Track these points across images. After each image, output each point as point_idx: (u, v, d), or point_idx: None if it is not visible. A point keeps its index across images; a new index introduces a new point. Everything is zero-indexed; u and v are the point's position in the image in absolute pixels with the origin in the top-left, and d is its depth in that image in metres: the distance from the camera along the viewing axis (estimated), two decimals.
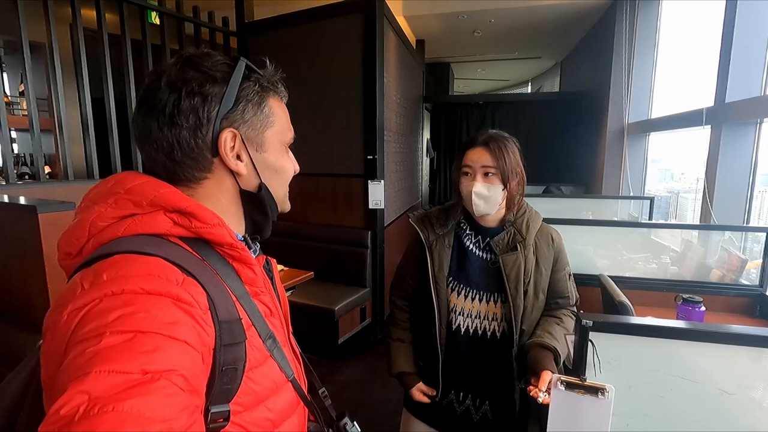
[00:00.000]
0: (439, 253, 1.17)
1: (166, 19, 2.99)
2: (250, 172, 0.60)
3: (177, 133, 0.54)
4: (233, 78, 0.56)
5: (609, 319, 0.73)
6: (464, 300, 1.16)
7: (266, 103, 0.60)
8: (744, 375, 0.73)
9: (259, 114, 0.59)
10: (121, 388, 0.36)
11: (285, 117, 0.64)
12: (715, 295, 1.69)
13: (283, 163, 0.64)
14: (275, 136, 0.62)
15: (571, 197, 3.68)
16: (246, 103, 0.57)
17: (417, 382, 1.23)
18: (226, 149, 0.56)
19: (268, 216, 0.64)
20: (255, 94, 0.59)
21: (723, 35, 2.41)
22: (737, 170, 2.36)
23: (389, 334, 1.33)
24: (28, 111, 2.27)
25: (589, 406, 0.73)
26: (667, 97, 3.55)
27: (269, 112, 0.60)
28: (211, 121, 0.55)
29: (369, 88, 2.99)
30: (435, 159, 5.95)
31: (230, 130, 0.56)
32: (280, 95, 0.64)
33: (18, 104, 3.50)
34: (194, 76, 0.55)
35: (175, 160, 0.55)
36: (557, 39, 5.21)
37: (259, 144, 0.60)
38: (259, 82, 0.59)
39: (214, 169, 0.57)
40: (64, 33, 2.99)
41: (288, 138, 0.65)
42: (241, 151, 0.58)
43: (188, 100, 0.54)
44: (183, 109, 0.54)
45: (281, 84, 0.64)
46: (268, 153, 0.61)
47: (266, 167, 0.61)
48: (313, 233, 3.29)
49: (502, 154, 1.10)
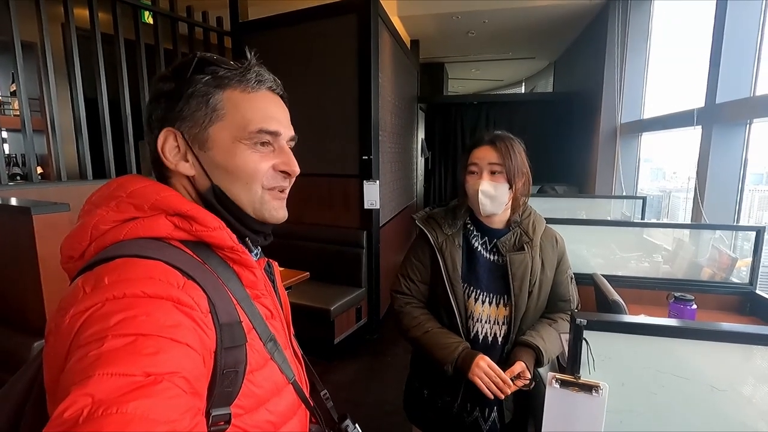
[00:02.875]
0: (450, 253, 1.14)
1: (159, 19, 2.97)
2: (199, 172, 0.56)
3: (147, 139, 0.58)
4: (183, 74, 0.55)
5: (602, 317, 0.74)
6: (474, 303, 1.14)
7: (215, 96, 0.55)
8: (734, 372, 0.75)
9: (202, 108, 0.55)
10: (125, 391, 0.36)
11: (249, 108, 0.56)
12: (706, 293, 1.71)
13: (236, 161, 0.56)
14: (225, 130, 0.55)
15: (564, 197, 3.71)
16: (187, 99, 0.54)
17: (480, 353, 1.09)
18: (165, 149, 0.56)
19: (231, 221, 0.57)
20: (202, 86, 0.54)
21: (713, 36, 2.45)
22: (727, 170, 2.39)
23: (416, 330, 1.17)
24: (20, 111, 2.25)
25: (584, 404, 0.74)
26: (659, 97, 3.59)
27: (219, 105, 0.55)
28: (159, 121, 0.56)
29: (364, 88, 2.99)
30: (430, 159, 5.96)
31: (168, 129, 0.55)
32: (247, 84, 0.57)
33: (9, 104, 3.46)
34: (158, 79, 0.57)
35: (153, 163, 0.59)
36: (551, 39, 5.25)
37: (202, 141, 0.55)
38: (214, 74, 0.55)
39: (171, 172, 0.58)
40: (56, 32, 2.97)
41: (248, 131, 0.56)
42: (187, 151, 0.56)
43: (150, 105, 0.57)
44: (147, 114, 0.57)
45: (255, 72, 0.57)
46: (214, 151, 0.56)
47: (214, 167, 0.56)
48: (309, 233, 3.29)
49: (509, 152, 1.09)
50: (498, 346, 1.15)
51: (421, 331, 1.16)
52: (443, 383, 1.17)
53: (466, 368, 1.07)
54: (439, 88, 6.79)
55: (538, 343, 1.09)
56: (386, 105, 3.45)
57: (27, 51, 2.52)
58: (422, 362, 1.22)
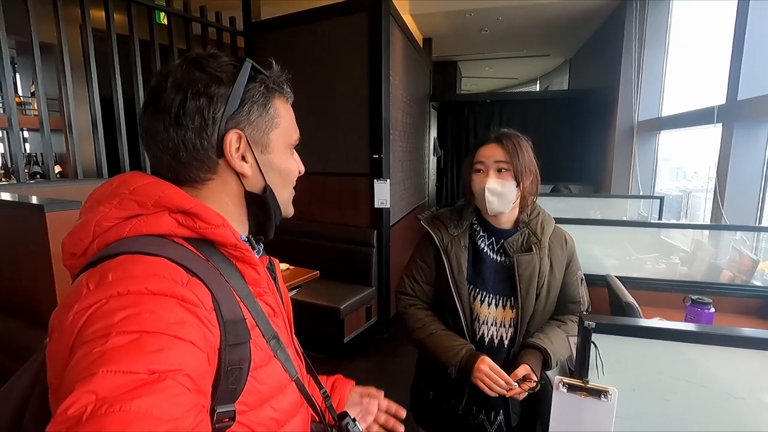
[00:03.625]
0: (455, 254, 1.12)
1: (173, 20, 3.02)
2: (255, 173, 0.60)
3: (182, 134, 0.54)
4: (239, 79, 0.56)
5: (612, 320, 0.72)
6: (480, 305, 1.13)
7: (271, 105, 0.60)
8: (753, 379, 0.72)
9: (264, 115, 0.59)
10: (128, 388, 0.36)
11: (290, 118, 0.64)
12: (725, 296, 1.66)
13: (287, 164, 0.63)
14: (280, 137, 0.61)
15: (579, 196, 3.65)
16: (251, 105, 0.57)
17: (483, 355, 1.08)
18: (231, 150, 0.56)
19: (272, 218, 0.63)
20: (260, 95, 0.58)
21: (735, 31, 2.37)
22: (749, 169, 2.32)
23: (420, 332, 1.16)
24: (38, 111, 2.31)
25: (592, 409, 0.72)
26: (678, 94, 3.50)
27: (274, 114, 0.60)
28: (216, 122, 0.55)
29: (375, 86, 2.98)
30: (442, 158, 5.93)
31: (235, 131, 0.56)
32: (286, 96, 0.63)
33: (30, 104, 3.56)
34: (200, 77, 0.55)
35: (181, 161, 0.56)
36: (566, 36, 5.15)
37: (264, 145, 0.60)
38: (265, 83, 0.59)
39: (218, 170, 0.58)
40: (73, 34, 3.03)
41: (293, 139, 0.64)
42: (246, 153, 0.58)
43: (194, 101, 0.54)
44: (188, 110, 0.54)
45: (286, 85, 0.63)
46: (273, 154, 0.61)
47: (271, 169, 0.61)
48: (319, 232, 3.29)
49: (515, 150, 1.07)
50: (504, 349, 1.13)
51: (426, 333, 1.15)
52: (448, 385, 1.15)
53: (469, 371, 1.06)
54: (452, 86, 6.74)
55: (545, 345, 1.07)
56: (397, 103, 3.44)
57: (45, 52, 2.58)
58: (428, 364, 1.21)
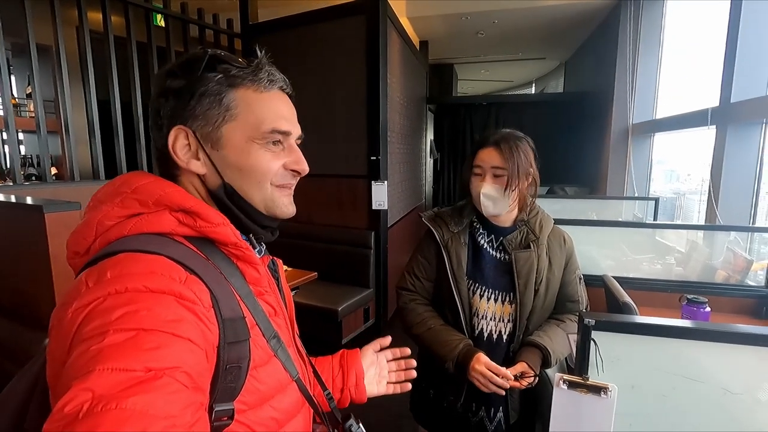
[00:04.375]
0: (456, 250, 1.15)
1: (171, 22, 3.01)
2: (210, 171, 0.57)
3: (155, 134, 0.58)
4: (193, 72, 0.54)
5: (611, 317, 0.73)
6: (479, 300, 1.14)
7: (229, 95, 0.55)
8: (749, 375, 0.72)
9: (215, 107, 0.55)
10: (125, 386, 0.36)
11: (262, 107, 0.57)
12: (720, 296, 1.68)
13: (250, 160, 0.56)
14: (238, 130, 0.56)
15: (575, 198, 3.67)
16: (200, 97, 0.54)
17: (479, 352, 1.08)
18: (176, 148, 0.55)
19: (241, 219, 0.58)
20: (215, 85, 0.54)
21: (728, 34, 2.40)
22: (743, 170, 2.34)
23: (419, 327, 1.17)
24: (35, 113, 2.30)
25: (592, 406, 0.73)
26: (672, 97, 3.53)
27: (231, 105, 0.55)
28: (165, 119, 0.56)
29: (372, 89, 2.99)
30: (439, 160, 5.94)
31: (179, 127, 0.55)
32: (259, 84, 0.57)
33: (25, 106, 3.53)
34: (163, 74, 0.56)
35: (158, 160, 0.59)
36: (561, 40, 5.19)
37: (214, 141, 0.56)
38: (226, 73, 0.55)
39: (181, 168, 0.57)
40: (70, 35, 3.02)
41: (261, 131, 0.56)
42: (198, 149, 0.56)
43: (157, 100, 0.56)
44: (153, 110, 0.57)
45: (266, 72, 0.58)
46: (227, 150, 0.56)
47: (226, 165, 0.56)
48: (317, 234, 3.30)
49: (512, 155, 1.08)
50: (503, 344, 1.14)
51: (424, 328, 1.16)
52: (447, 382, 1.16)
53: (466, 366, 1.06)
54: (449, 89, 6.77)
55: (545, 343, 1.08)
56: (395, 106, 3.45)
57: (42, 54, 2.57)
58: (428, 362, 1.21)
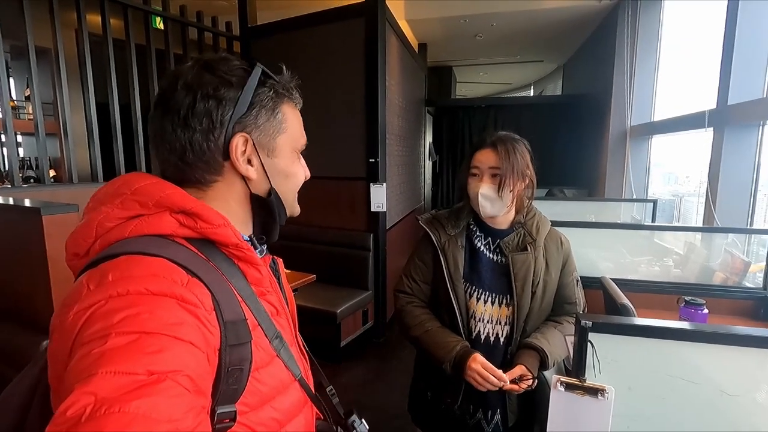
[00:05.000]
0: (453, 253, 1.15)
1: (170, 24, 3.02)
2: (261, 176, 0.60)
3: (190, 135, 0.55)
4: (249, 83, 0.57)
5: (609, 319, 0.73)
6: (476, 303, 1.14)
7: (280, 109, 0.60)
8: (746, 377, 0.73)
9: (272, 120, 0.59)
10: (127, 389, 0.36)
11: (298, 123, 0.65)
12: (718, 297, 1.68)
13: (293, 169, 0.64)
14: (287, 142, 0.62)
15: (573, 200, 3.68)
16: (260, 109, 0.58)
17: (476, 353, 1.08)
18: (237, 153, 0.57)
19: (276, 220, 0.64)
20: (269, 99, 0.59)
21: (725, 37, 2.41)
22: (740, 173, 2.35)
23: (416, 329, 1.17)
24: (33, 115, 2.29)
25: (589, 408, 0.73)
26: (670, 99, 3.54)
27: (282, 118, 0.61)
28: (224, 125, 0.56)
29: (371, 91, 3.00)
30: (437, 162, 5.95)
31: (242, 134, 0.57)
32: (294, 101, 0.64)
33: (24, 108, 3.54)
34: (210, 80, 0.55)
35: (187, 162, 0.56)
36: (559, 42, 5.21)
37: (270, 149, 0.60)
38: (274, 88, 0.60)
39: (224, 173, 0.58)
40: (69, 38, 3.02)
41: (300, 144, 0.65)
42: (252, 156, 0.59)
43: (203, 102, 0.55)
44: (197, 112, 0.54)
45: (296, 90, 0.64)
46: (279, 158, 0.61)
47: (277, 172, 0.62)
48: (315, 236, 3.29)
49: (509, 156, 1.09)
50: (500, 346, 1.14)
51: (422, 330, 1.16)
52: (444, 384, 1.16)
53: (463, 367, 1.06)
54: (447, 91, 6.79)
55: (542, 345, 1.08)
56: (393, 108, 3.45)
57: (41, 56, 2.57)
58: (425, 364, 1.21)
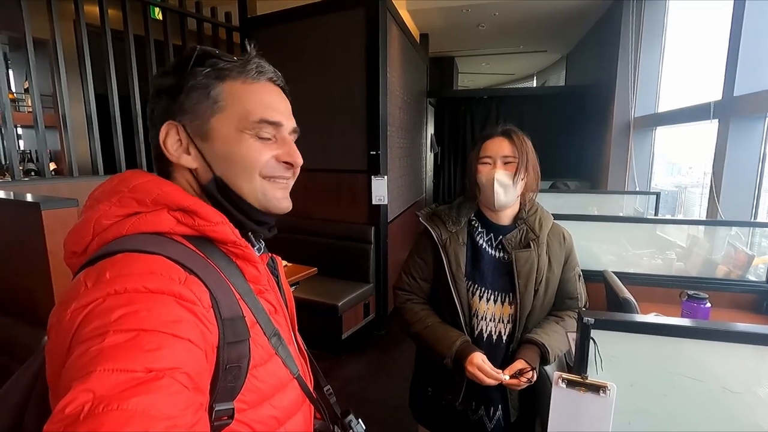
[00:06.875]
0: (454, 250, 1.13)
1: (169, 15, 2.98)
2: (201, 165, 0.57)
3: (150, 135, 0.59)
4: (183, 68, 0.55)
5: (611, 316, 0.73)
6: (479, 301, 1.13)
7: (217, 88, 0.55)
8: (749, 373, 0.72)
9: (204, 101, 0.55)
10: (126, 387, 0.36)
11: (250, 98, 0.57)
12: (721, 291, 1.68)
13: (241, 151, 0.56)
14: (227, 121, 0.56)
15: (576, 192, 3.66)
16: (188, 92, 0.55)
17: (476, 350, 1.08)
18: (168, 143, 0.56)
19: (234, 213, 0.58)
20: (203, 78, 0.55)
21: (731, 27, 2.37)
22: (745, 165, 2.33)
23: (417, 325, 1.16)
24: (32, 107, 2.28)
25: (591, 404, 0.73)
26: (675, 90, 3.50)
27: (219, 97, 0.55)
28: (158, 117, 0.56)
29: (372, 82, 2.97)
30: (439, 154, 5.92)
31: (169, 123, 0.56)
32: (247, 75, 0.57)
33: (23, 101, 3.52)
34: (157, 74, 0.58)
35: (155, 159, 0.59)
36: (563, 32, 5.15)
37: (204, 133, 0.56)
38: (215, 66, 0.55)
39: (174, 165, 0.58)
40: (67, 29, 2.99)
41: (251, 120, 0.56)
42: (189, 144, 0.56)
43: (152, 101, 0.57)
44: (148, 111, 0.58)
45: (254, 64, 0.58)
46: (216, 142, 0.56)
47: (215, 157, 0.56)
48: (317, 229, 3.29)
49: (522, 145, 1.10)
50: (503, 344, 1.14)
51: (422, 326, 1.15)
52: (446, 380, 1.16)
53: (463, 361, 1.06)
54: (449, 82, 6.72)
55: (543, 340, 1.08)
56: (395, 99, 3.43)
57: (39, 48, 2.55)
58: (426, 359, 1.21)
